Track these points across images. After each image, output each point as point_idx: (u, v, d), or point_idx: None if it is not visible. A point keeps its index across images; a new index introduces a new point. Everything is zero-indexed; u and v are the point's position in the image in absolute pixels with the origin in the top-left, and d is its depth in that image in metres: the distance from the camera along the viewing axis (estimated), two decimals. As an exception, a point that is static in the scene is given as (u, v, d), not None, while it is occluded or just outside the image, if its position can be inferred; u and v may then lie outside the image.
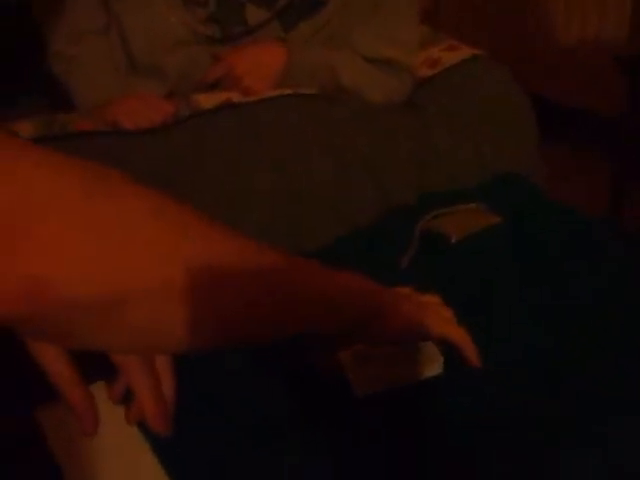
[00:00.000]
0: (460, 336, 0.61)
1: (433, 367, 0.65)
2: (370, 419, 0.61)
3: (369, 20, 1.12)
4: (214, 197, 0.99)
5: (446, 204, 0.94)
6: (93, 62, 1.14)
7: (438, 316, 0.60)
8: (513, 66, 1.35)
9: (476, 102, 1.23)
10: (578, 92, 2.33)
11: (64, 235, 0.33)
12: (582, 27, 2.33)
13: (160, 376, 0.50)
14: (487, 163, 1.18)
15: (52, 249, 0.33)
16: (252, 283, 0.42)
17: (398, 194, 1.08)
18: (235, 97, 1.07)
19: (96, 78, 1.14)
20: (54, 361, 0.46)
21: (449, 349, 0.63)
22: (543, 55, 2.44)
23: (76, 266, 0.34)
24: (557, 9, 2.38)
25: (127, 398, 0.53)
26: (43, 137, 0.99)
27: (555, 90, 2.36)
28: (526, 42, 2.48)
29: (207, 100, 1.06)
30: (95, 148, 0.97)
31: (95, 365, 0.53)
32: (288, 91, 1.10)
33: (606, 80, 2.13)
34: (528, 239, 0.87)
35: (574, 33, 2.36)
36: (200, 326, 0.40)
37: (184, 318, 0.38)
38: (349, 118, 1.12)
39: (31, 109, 1.17)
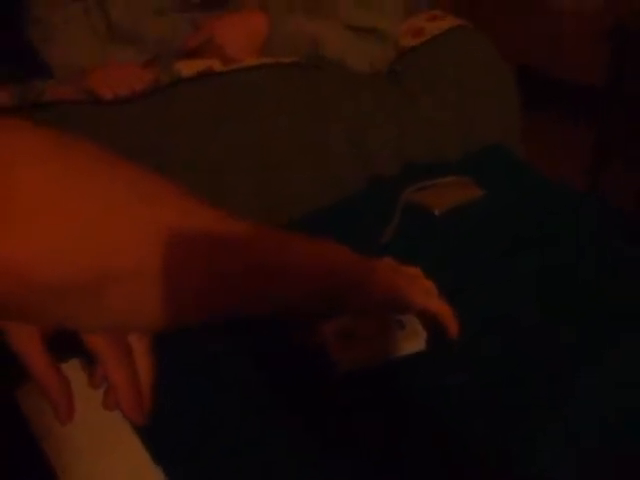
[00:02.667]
0: (441, 307, 0.61)
1: (416, 343, 0.65)
2: (353, 396, 0.61)
3: None
4: (194, 166, 0.98)
5: (430, 176, 0.94)
6: (73, 29, 1.11)
7: (419, 287, 0.59)
8: (497, 36, 1.33)
9: (459, 72, 1.22)
10: (561, 62, 2.32)
11: (36, 214, 0.32)
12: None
13: (138, 362, 0.49)
14: (470, 132, 1.17)
15: (23, 229, 0.32)
16: (229, 255, 0.41)
17: (381, 163, 1.07)
18: (216, 65, 1.04)
19: (75, 45, 1.11)
20: (27, 343, 0.45)
21: (432, 325, 0.63)
22: (527, 24, 2.43)
23: (50, 246, 0.32)
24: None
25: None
26: (18, 106, 0.97)
27: (539, 60, 2.35)
28: (510, 12, 2.46)
29: (187, 68, 1.03)
30: (72, 117, 0.94)
31: (70, 343, 0.52)
32: (270, 60, 1.08)
33: (588, 49, 2.13)
34: (511, 212, 0.86)
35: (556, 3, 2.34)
36: (179, 301, 0.39)
37: (162, 294, 0.37)
38: (332, 87, 1.11)
39: (5, 77, 1.14)
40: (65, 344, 0.51)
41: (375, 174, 1.05)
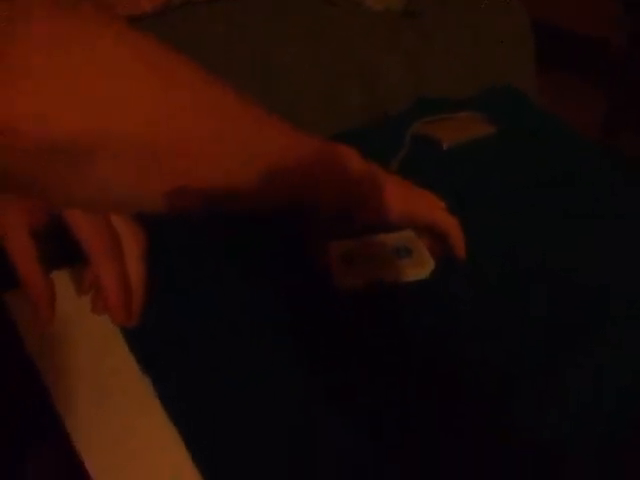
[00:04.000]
0: (450, 223, 0.60)
1: (422, 270, 0.64)
2: (352, 316, 0.60)
3: None
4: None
5: (442, 111, 0.92)
6: None
7: (430, 202, 0.58)
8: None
9: (475, 14, 1.20)
10: (576, 17, 2.29)
11: (32, 69, 0.31)
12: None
13: (129, 265, 0.48)
14: (484, 75, 1.16)
15: (22, 83, 0.31)
16: (230, 137, 0.41)
17: (392, 103, 1.06)
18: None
19: None
20: (14, 229, 0.44)
21: (440, 251, 0.62)
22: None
23: (45, 103, 0.32)
24: None
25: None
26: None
27: (553, 14, 2.31)
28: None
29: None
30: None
31: (62, 252, 0.51)
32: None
33: (604, 5, 2.09)
34: (522, 151, 0.85)
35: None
36: (173, 180, 0.38)
37: (157, 171, 0.37)
38: (346, 22, 1.09)
39: None
40: (55, 252, 0.50)
41: (388, 109, 1.03)
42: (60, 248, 0.51)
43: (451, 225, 0.60)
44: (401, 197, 0.56)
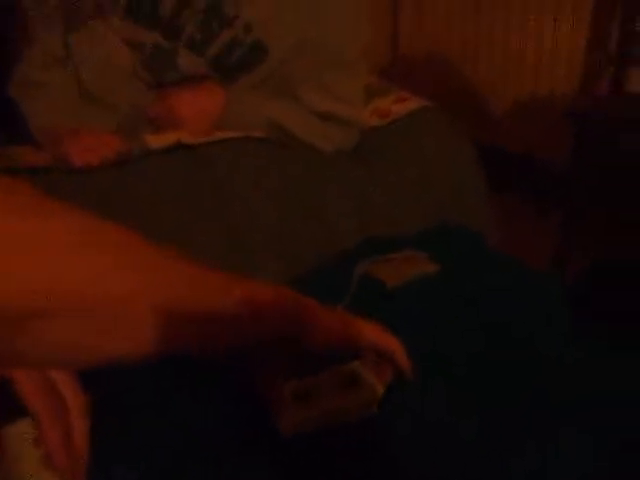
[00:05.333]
0: (393, 344, 0.62)
1: (372, 396, 0.65)
2: (302, 456, 0.62)
3: (312, 75, 1.15)
4: (162, 237, 1.00)
5: (387, 250, 0.97)
6: (60, 90, 1.14)
7: (373, 326, 0.61)
8: (467, 117, 1.38)
9: (423, 153, 1.27)
10: (530, 143, 2.41)
11: None
12: (535, 81, 2.42)
13: (73, 424, 0.50)
14: (433, 213, 1.21)
15: None
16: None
17: (342, 239, 1.10)
18: (184, 138, 1.08)
19: (59, 107, 1.14)
20: None
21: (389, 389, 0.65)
22: (498, 107, 2.52)
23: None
24: (509, 63, 2.47)
25: None
26: (-9, 172, 1.00)
27: (508, 140, 2.43)
28: (480, 94, 2.56)
29: (157, 140, 1.07)
30: (43, 184, 0.97)
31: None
32: (239, 134, 1.12)
33: (558, 132, 2.21)
34: (464, 288, 0.89)
35: (528, 87, 2.44)
36: (123, 339, 0.41)
37: (104, 331, 0.39)
38: (299, 165, 1.14)
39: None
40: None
41: (339, 249, 1.08)
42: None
43: (394, 344, 0.62)
44: (348, 321, 0.59)
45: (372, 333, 0.61)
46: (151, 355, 0.44)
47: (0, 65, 1.17)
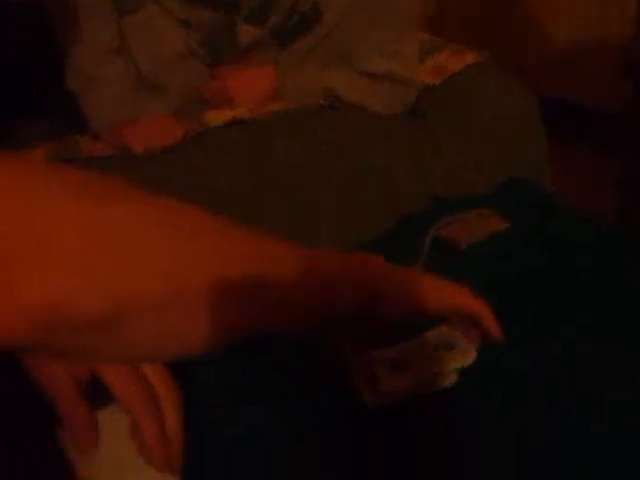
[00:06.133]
0: (480, 306, 0.58)
1: (466, 359, 0.64)
2: (382, 430, 0.61)
3: (367, 35, 1.13)
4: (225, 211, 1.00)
5: (457, 210, 0.95)
6: (116, 82, 1.15)
7: (455, 288, 0.57)
8: (519, 68, 1.34)
9: (482, 108, 1.24)
10: (584, 91, 2.33)
11: (70, 252, 0.33)
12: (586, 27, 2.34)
13: (165, 416, 0.50)
14: (495, 169, 1.18)
15: (61, 269, 0.33)
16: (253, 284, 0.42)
17: (407, 202, 1.08)
18: (239, 114, 1.08)
19: (116, 98, 1.14)
20: (56, 380, 0.46)
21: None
22: (546, 56, 2.45)
23: (85, 282, 0.34)
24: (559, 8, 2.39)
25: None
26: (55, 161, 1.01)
27: (562, 90, 2.36)
28: (531, 43, 2.49)
29: (215, 118, 1.07)
30: (106, 172, 0.98)
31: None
32: (294, 105, 1.11)
33: (611, 79, 2.13)
34: (537, 243, 0.87)
35: (579, 33, 2.36)
36: (206, 329, 0.40)
37: (191, 325, 0.39)
38: (357, 131, 1.13)
39: (45, 133, 1.18)
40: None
41: (404, 212, 1.06)
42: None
43: (481, 308, 0.59)
44: (434, 286, 0.56)
45: (457, 297, 0.58)
46: (226, 339, 0.43)
47: (57, 59, 1.17)
